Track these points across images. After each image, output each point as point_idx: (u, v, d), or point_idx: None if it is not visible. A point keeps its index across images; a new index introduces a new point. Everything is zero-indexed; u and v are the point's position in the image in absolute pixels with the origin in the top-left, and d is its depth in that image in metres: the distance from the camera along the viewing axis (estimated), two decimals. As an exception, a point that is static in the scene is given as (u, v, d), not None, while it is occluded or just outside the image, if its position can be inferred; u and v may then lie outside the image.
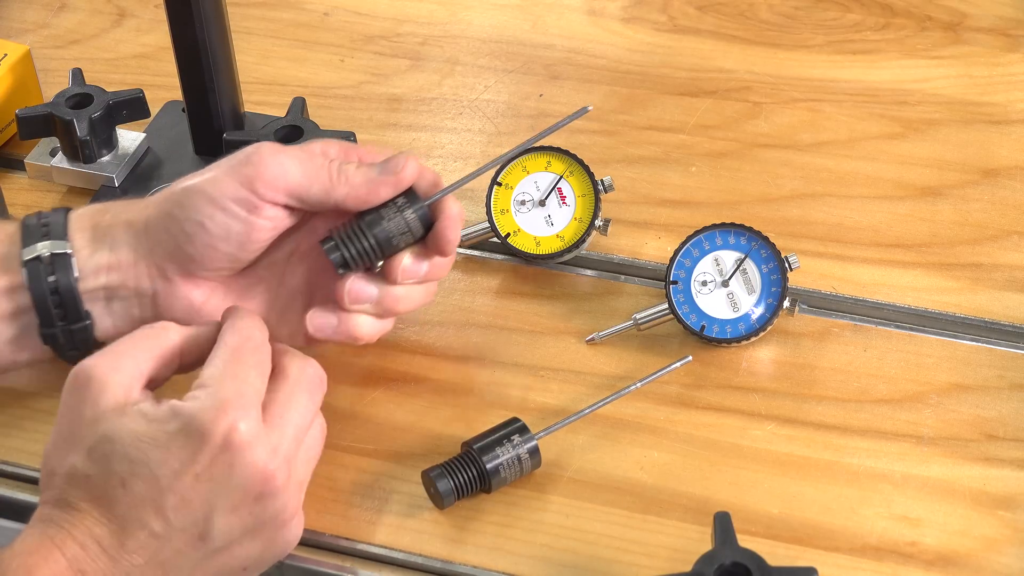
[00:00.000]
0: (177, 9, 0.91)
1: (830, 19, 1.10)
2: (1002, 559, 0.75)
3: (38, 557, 0.67)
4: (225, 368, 0.72)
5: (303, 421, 0.73)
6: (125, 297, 0.79)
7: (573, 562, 0.75)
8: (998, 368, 0.84)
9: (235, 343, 0.73)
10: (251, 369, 0.72)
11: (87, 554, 0.68)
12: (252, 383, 0.72)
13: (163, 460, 0.69)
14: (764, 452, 0.80)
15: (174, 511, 0.69)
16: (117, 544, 0.68)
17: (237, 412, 0.70)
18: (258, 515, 0.71)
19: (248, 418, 0.70)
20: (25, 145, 0.98)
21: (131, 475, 0.69)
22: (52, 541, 0.68)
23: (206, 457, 0.69)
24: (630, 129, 1.01)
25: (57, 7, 1.14)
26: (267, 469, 0.70)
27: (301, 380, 0.74)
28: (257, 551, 0.72)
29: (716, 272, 0.85)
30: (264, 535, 0.72)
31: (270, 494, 0.71)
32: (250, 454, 0.70)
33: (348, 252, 0.78)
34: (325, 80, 1.06)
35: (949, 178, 0.96)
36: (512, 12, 1.12)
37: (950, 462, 0.79)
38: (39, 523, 0.69)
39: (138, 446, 0.69)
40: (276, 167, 0.76)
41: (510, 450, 0.77)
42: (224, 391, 0.70)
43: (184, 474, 0.69)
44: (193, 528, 0.69)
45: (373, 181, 0.78)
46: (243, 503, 0.70)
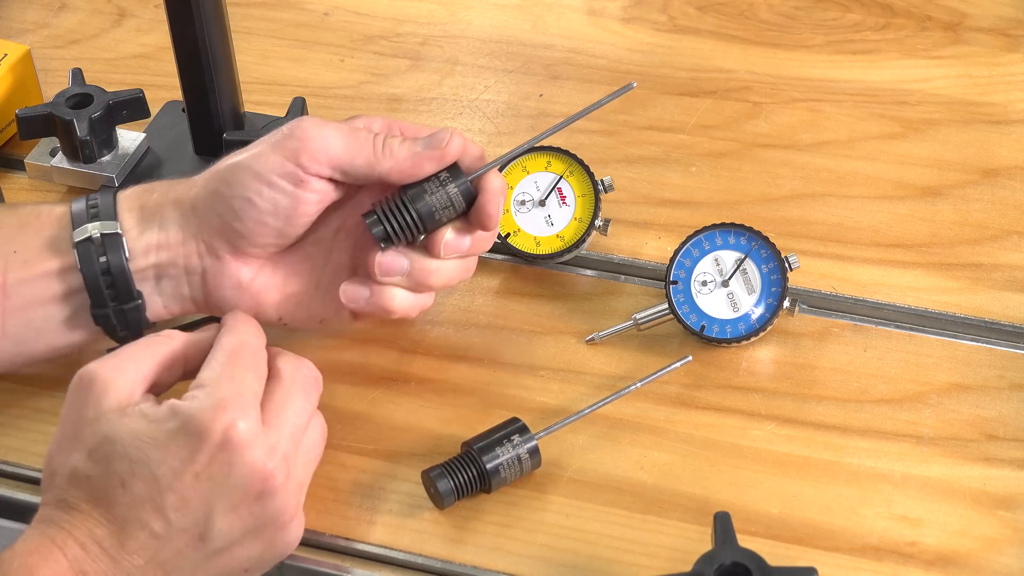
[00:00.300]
0: (177, 9, 0.91)
1: (830, 19, 1.10)
2: (1002, 559, 0.75)
3: (39, 557, 0.68)
4: (222, 370, 0.72)
5: (300, 421, 0.74)
6: (175, 276, 0.80)
7: (573, 562, 0.75)
8: (998, 368, 0.84)
9: (231, 346, 0.74)
10: (247, 371, 0.73)
11: (88, 555, 0.68)
12: (249, 384, 0.72)
13: (162, 459, 0.69)
14: (764, 452, 0.80)
15: (174, 511, 0.69)
16: (118, 544, 0.68)
17: (235, 412, 0.70)
18: (258, 515, 0.71)
19: (246, 417, 0.70)
20: (25, 145, 0.98)
21: (131, 475, 0.69)
22: (53, 542, 0.68)
23: (205, 456, 0.69)
24: (630, 129, 1.01)
25: (57, 7, 1.14)
26: (266, 468, 0.70)
27: (296, 381, 0.74)
28: (257, 552, 0.72)
29: (716, 272, 0.85)
30: (264, 536, 0.72)
31: (269, 493, 0.71)
32: (248, 453, 0.70)
33: (390, 226, 0.78)
34: (325, 80, 1.06)
35: (949, 178, 0.96)
36: (512, 12, 1.12)
37: (950, 462, 0.79)
38: (40, 523, 0.70)
39: (138, 446, 0.69)
40: (320, 140, 0.77)
41: (510, 450, 0.77)
42: (222, 391, 0.71)
43: (183, 473, 0.69)
44: (193, 528, 0.69)
45: (417, 155, 0.78)
46: (243, 503, 0.70)
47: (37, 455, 0.81)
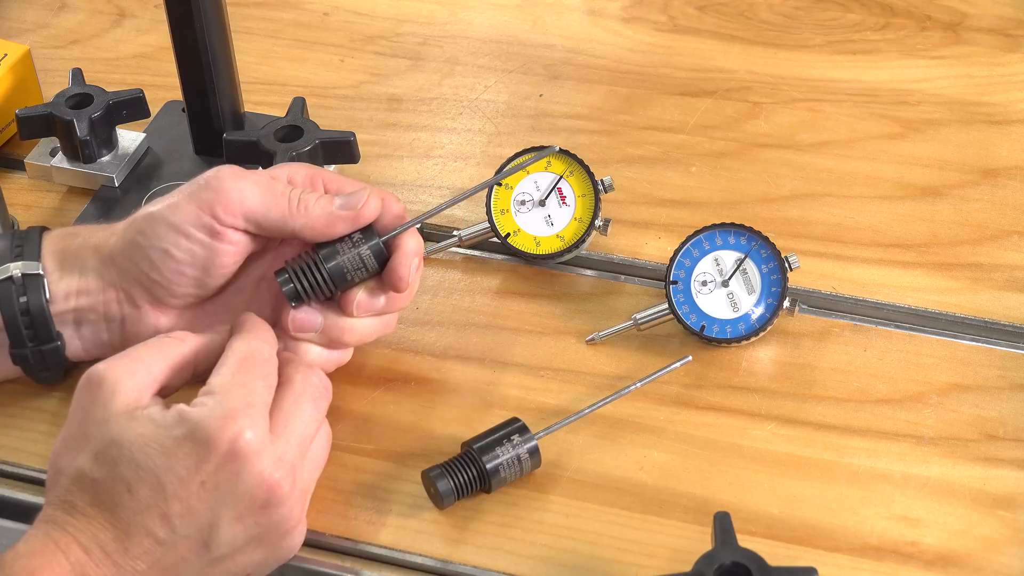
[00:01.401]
0: (177, 9, 0.91)
1: (830, 19, 1.10)
2: (1002, 559, 0.75)
3: (41, 560, 0.67)
4: (233, 377, 0.72)
5: (308, 430, 0.73)
6: (94, 321, 0.80)
7: (573, 562, 0.75)
8: (998, 368, 0.84)
9: (243, 352, 0.73)
10: (258, 380, 0.72)
11: (91, 559, 0.68)
12: (259, 393, 0.72)
13: (169, 467, 0.69)
14: (764, 452, 0.80)
15: (179, 518, 0.69)
16: (121, 550, 0.68)
17: (243, 420, 0.70)
18: (262, 523, 0.71)
19: (254, 427, 0.70)
20: (25, 145, 0.98)
21: (137, 481, 0.69)
22: (57, 544, 0.68)
23: (211, 465, 0.69)
24: (630, 129, 1.01)
25: (57, 7, 1.14)
26: (272, 478, 0.70)
27: (306, 389, 0.74)
28: (260, 557, 0.72)
29: (716, 272, 0.85)
30: (267, 542, 0.72)
31: (275, 503, 0.71)
32: (256, 463, 0.70)
33: (301, 285, 0.78)
34: (325, 80, 1.06)
35: (949, 178, 0.96)
36: (512, 12, 1.12)
37: (950, 462, 0.79)
38: (43, 524, 0.69)
39: (145, 452, 0.69)
40: (235, 192, 0.77)
41: (510, 450, 0.77)
42: (231, 400, 0.70)
43: (190, 481, 0.69)
44: (197, 535, 0.69)
45: (331, 215, 0.77)
46: (248, 511, 0.70)
47: (37, 455, 0.81)
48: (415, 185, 0.97)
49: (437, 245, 0.91)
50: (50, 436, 0.82)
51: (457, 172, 0.98)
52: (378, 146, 1.00)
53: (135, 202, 0.94)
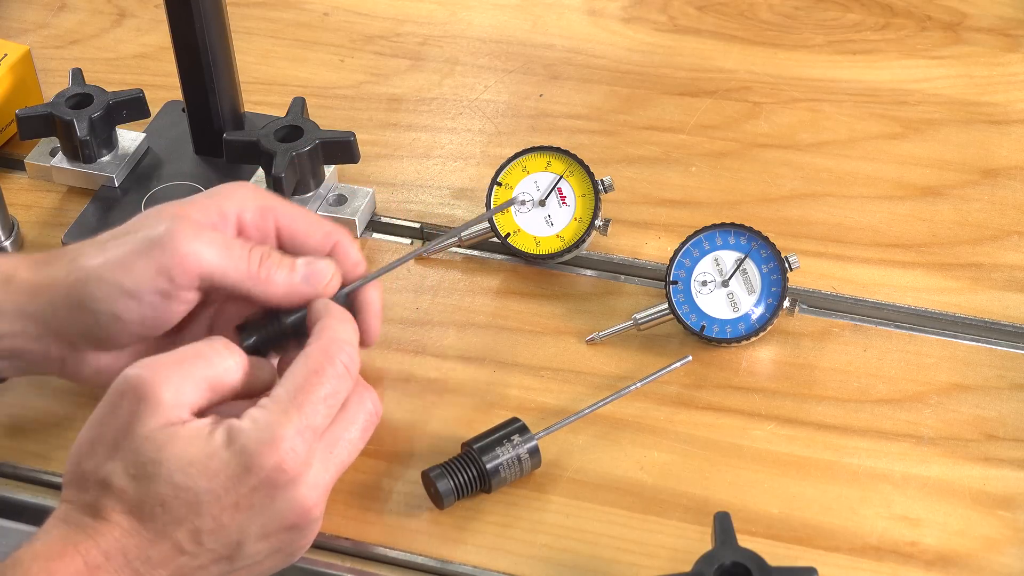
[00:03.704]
0: (177, 9, 0.91)
1: (830, 19, 1.10)
2: (1002, 559, 0.75)
3: (60, 564, 0.67)
4: (296, 395, 0.70)
5: (350, 458, 0.72)
6: (31, 360, 0.77)
7: (573, 562, 0.75)
8: (998, 368, 0.84)
9: (316, 366, 0.71)
10: (320, 401, 0.70)
11: (110, 564, 0.67)
12: (317, 416, 0.70)
13: (209, 487, 0.68)
14: (764, 452, 0.80)
15: (209, 534, 0.68)
16: (144, 557, 0.68)
17: (291, 446, 0.68)
18: (285, 540, 0.70)
19: (300, 454, 0.69)
20: (25, 145, 0.98)
21: (173, 498, 0.68)
22: (76, 548, 0.67)
23: (249, 487, 0.68)
24: (630, 129, 1.01)
25: (57, 7, 1.14)
26: (306, 504, 0.69)
27: (358, 416, 0.73)
28: (271, 566, 0.72)
29: (716, 272, 0.85)
30: (284, 554, 0.71)
31: (303, 526, 0.70)
32: (293, 489, 0.69)
33: (262, 340, 0.77)
34: (325, 80, 1.06)
35: (949, 178, 0.96)
36: (512, 12, 1.12)
37: (950, 462, 0.79)
38: (62, 525, 0.68)
39: (187, 472, 0.68)
40: (192, 256, 0.73)
41: (510, 450, 0.77)
42: (285, 422, 0.69)
43: (225, 499, 0.68)
44: (223, 550, 0.69)
45: (292, 288, 0.75)
46: (276, 531, 0.70)
47: (38, 455, 0.81)
48: (415, 185, 0.97)
49: (437, 245, 0.91)
50: (50, 436, 0.82)
51: (457, 172, 0.98)
52: (378, 146, 1.00)
53: (135, 202, 0.94)
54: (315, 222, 0.79)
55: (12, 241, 0.94)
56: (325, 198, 0.93)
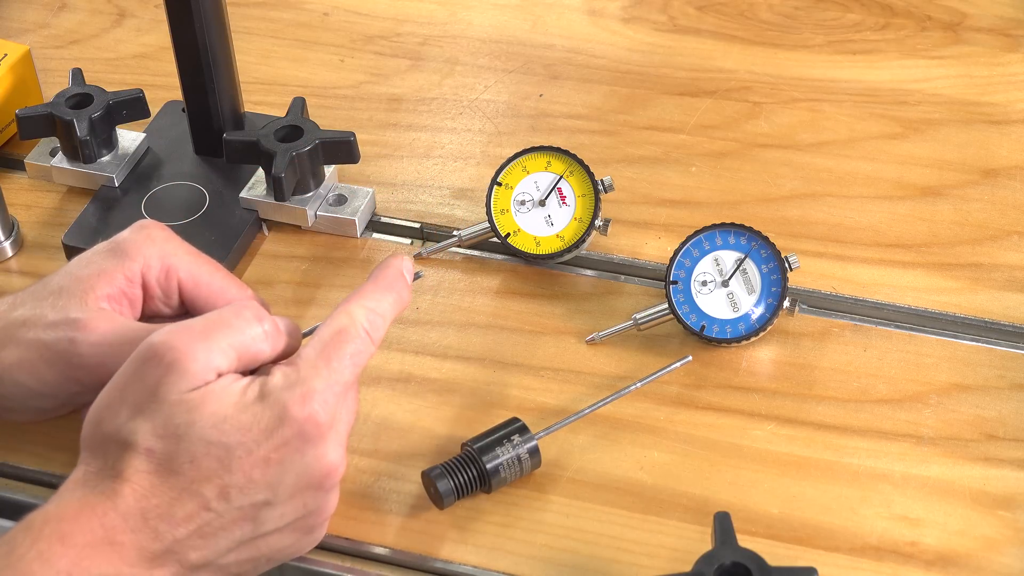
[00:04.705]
0: (177, 9, 0.91)
1: (830, 19, 1.10)
2: (1002, 559, 0.75)
3: (74, 525, 0.66)
4: (323, 350, 0.71)
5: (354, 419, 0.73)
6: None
7: (573, 562, 0.75)
8: (998, 368, 0.84)
9: (341, 325, 0.72)
10: (347, 357, 0.71)
11: (127, 525, 0.67)
12: (344, 372, 0.70)
13: (241, 441, 0.68)
14: (764, 452, 0.80)
15: (236, 490, 0.68)
16: (166, 515, 0.67)
17: (321, 400, 0.69)
18: (309, 505, 0.71)
19: (329, 409, 0.69)
20: (25, 145, 0.98)
21: (204, 455, 0.68)
22: (92, 510, 0.67)
23: (280, 440, 0.68)
24: (630, 129, 1.01)
25: (57, 7, 1.14)
26: (332, 462, 0.70)
27: None
28: (289, 542, 0.72)
29: (716, 272, 0.85)
30: (301, 528, 0.72)
31: (328, 487, 0.71)
32: (322, 444, 0.69)
33: None
34: (325, 80, 1.06)
35: (949, 178, 0.96)
36: (512, 12, 1.12)
37: (950, 462, 0.79)
38: (79, 488, 0.68)
39: (220, 428, 0.68)
40: (96, 359, 0.73)
41: (510, 450, 0.77)
42: (315, 378, 0.69)
43: (255, 454, 0.68)
44: (250, 510, 0.69)
45: None
46: (301, 492, 0.70)
47: (37, 456, 0.81)
48: (415, 185, 0.97)
49: (437, 245, 0.91)
50: (49, 436, 0.81)
51: (457, 172, 0.98)
52: (378, 146, 1.00)
53: (135, 202, 0.94)
54: (218, 288, 0.78)
55: (12, 241, 0.94)
56: (325, 198, 0.93)
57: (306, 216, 0.93)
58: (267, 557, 0.72)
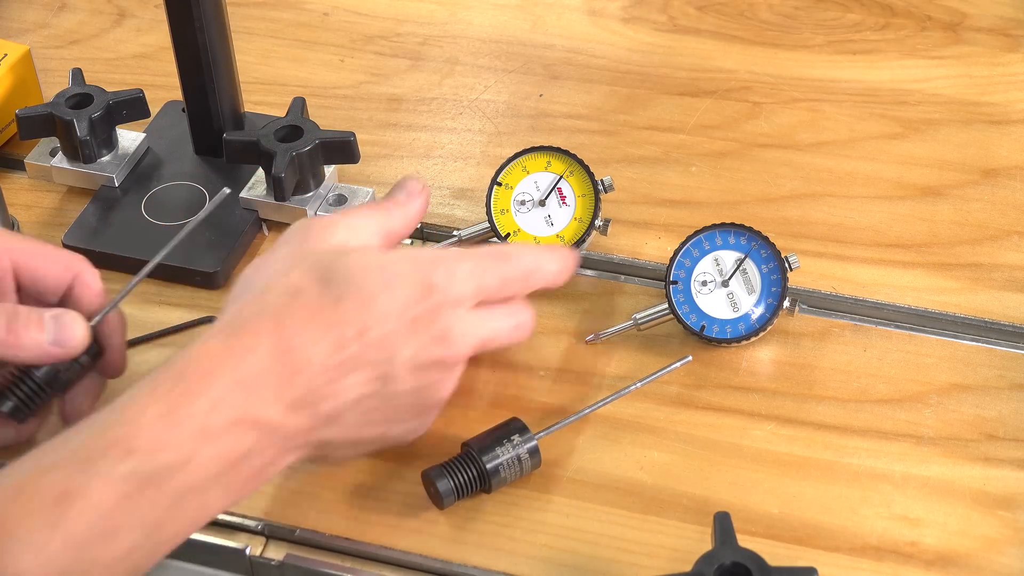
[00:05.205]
0: (177, 9, 0.91)
1: (830, 19, 1.10)
2: (1002, 559, 0.75)
3: (217, 364, 0.69)
4: (480, 252, 0.76)
5: (490, 344, 0.76)
6: None
7: (573, 562, 0.75)
8: (998, 368, 0.84)
9: (508, 251, 0.78)
10: (496, 271, 0.76)
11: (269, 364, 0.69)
12: (489, 277, 0.75)
13: (383, 291, 0.72)
14: (764, 452, 0.80)
15: (373, 340, 0.71)
16: (307, 357, 0.70)
17: (465, 277, 0.74)
18: (428, 379, 0.74)
19: (467, 288, 0.74)
20: (25, 145, 0.98)
21: (348, 295, 0.71)
22: (235, 349, 0.69)
23: (420, 303, 0.72)
24: (630, 129, 1.01)
25: (57, 7, 1.14)
26: (454, 339, 0.74)
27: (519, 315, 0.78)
28: (404, 419, 0.75)
29: (716, 272, 0.85)
30: (417, 405, 0.75)
31: (449, 365, 0.75)
32: (456, 318, 0.74)
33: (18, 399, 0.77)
34: (325, 80, 1.06)
35: (949, 178, 0.96)
36: (512, 12, 1.12)
37: (950, 462, 0.79)
38: (223, 331, 0.70)
39: (366, 275, 0.72)
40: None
41: (510, 450, 0.77)
42: (464, 261, 0.75)
43: (395, 309, 0.72)
44: (379, 365, 0.72)
45: (41, 349, 0.75)
46: (425, 363, 0.73)
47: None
48: (415, 185, 0.97)
49: (437, 245, 0.91)
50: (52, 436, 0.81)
51: (457, 172, 0.98)
52: (378, 146, 1.00)
53: (135, 202, 0.95)
54: (53, 256, 0.79)
55: (12, 241, 0.94)
56: (325, 198, 0.93)
57: (306, 216, 0.93)
58: (383, 431, 0.75)
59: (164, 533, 0.67)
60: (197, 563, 0.79)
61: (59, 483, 0.64)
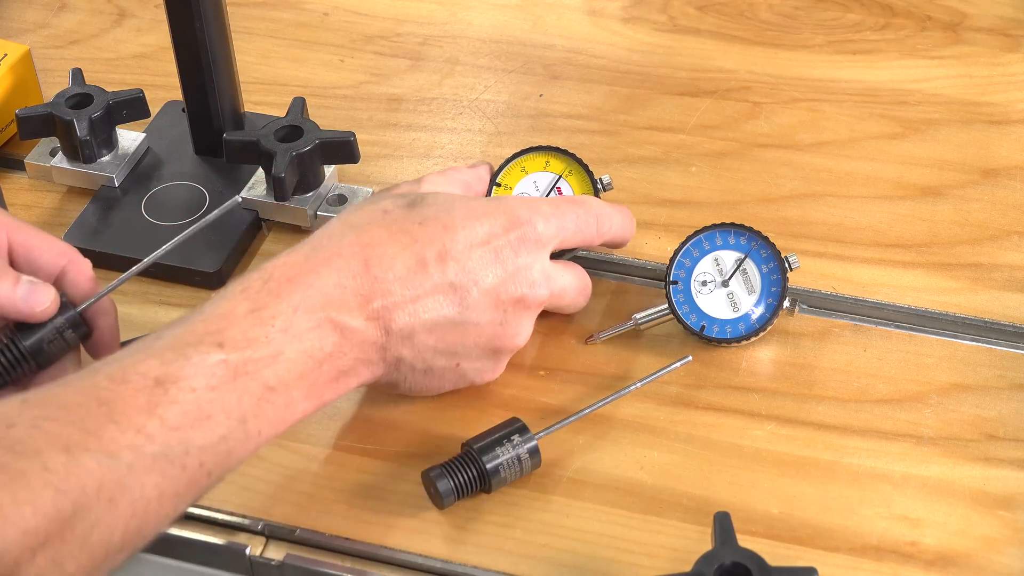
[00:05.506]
0: (177, 9, 0.91)
1: (830, 19, 1.10)
2: (1002, 559, 0.75)
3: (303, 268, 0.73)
4: (558, 199, 0.82)
5: (563, 287, 0.81)
6: None
7: (573, 562, 0.75)
8: (998, 368, 0.84)
9: (583, 198, 0.83)
10: (573, 215, 0.81)
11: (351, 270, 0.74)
12: (566, 221, 0.80)
13: (465, 218, 0.77)
14: (764, 452, 0.80)
15: (455, 261, 0.76)
16: (388, 267, 0.74)
17: (543, 220, 0.79)
18: (506, 315, 0.78)
19: (547, 230, 0.79)
20: (25, 145, 0.98)
21: (433, 218, 0.76)
22: (319, 257, 0.74)
23: (501, 234, 0.77)
24: (630, 129, 1.01)
25: (57, 7, 1.14)
26: (535, 278, 0.78)
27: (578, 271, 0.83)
28: (478, 355, 0.79)
29: (716, 272, 0.85)
30: (492, 344, 0.79)
31: (524, 302, 0.78)
32: (533, 255, 0.78)
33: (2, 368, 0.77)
34: (325, 80, 1.06)
35: (949, 178, 0.96)
36: (512, 12, 1.12)
37: (950, 462, 0.79)
38: (307, 245, 0.75)
39: (449, 200, 0.78)
40: None
41: (510, 450, 0.77)
42: (544, 205, 0.80)
43: (478, 236, 0.77)
44: (458, 289, 0.76)
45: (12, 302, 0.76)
46: (505, 297, 0.77)
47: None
48: (415, 185, 0.97)
49: None
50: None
51: (457, 172, 0.98)
52: (378, 146, 1.00)
53: (135, 202, 0.95)
54: (48, 240, 0.81)
55: (12, 241, 0.94)
56: (325, 198, 0.93)
57: (306, 216, 0.93)
58: (455, 363, 0.78)
59: (253, 426, 0.70)
60: (197, 563, 0.79)
61: (155, 369, 0.68)
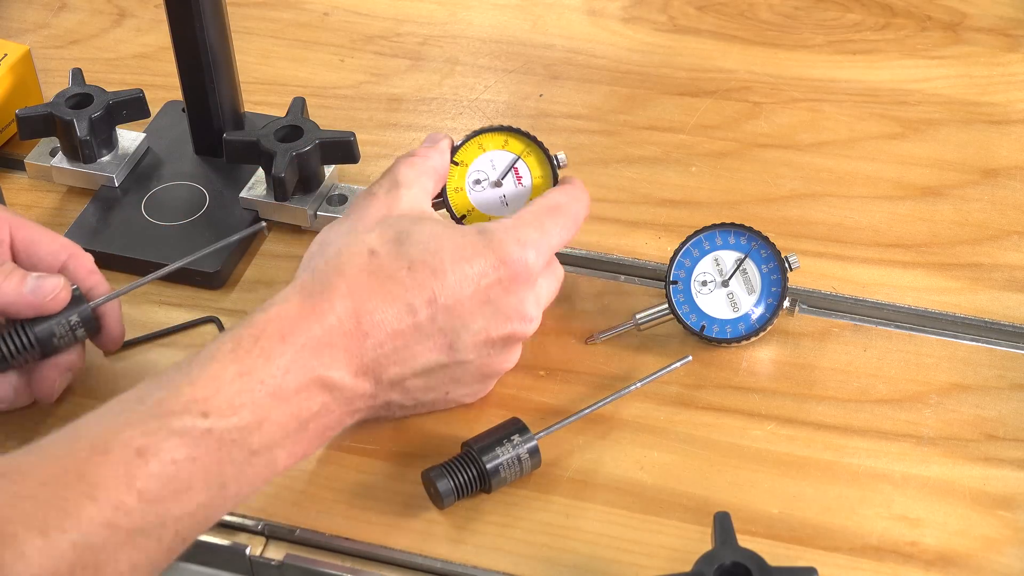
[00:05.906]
0: (177, 9, 0.91)
1: (830, 19, 1.10)
2: (1002, 559, 0.75)
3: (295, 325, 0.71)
4: (537, 215, 0.79)
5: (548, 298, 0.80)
6: None
7: (573, 562, 0.75)
8: (998, 368, 0.84)
9: (556, 202, 0.80)
10: (557, 227, 0.79)
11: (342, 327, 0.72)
12: (553, 237, 0.79)
13: (455, 259, 0.75)
14: (764, 452, 0.80)
15: (443, 308, 0.74)
16: (378, 322, 0.73)
17: (535, 250, 0.77)
18: (494, 351, 0.77)
19: (540, 259, 0.77)
20: (25, 145, 0.98)
21: (421, 262, 0.75)
22: (312, 311, 0.72)
23: (491, 273, 0.76)
24: (630, 129, 1.01)
25: (57, 7, 1.14)
26: (530, 312, 0.77)
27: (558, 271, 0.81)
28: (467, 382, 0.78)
29: (716, 272, 0.85)
30: (478, 374, 0.78)
31: (515, 338, 0.78)
32: (527, 291, 0.77)
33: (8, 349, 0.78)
34: (325, 80, 1.06)
35: (949, 178, 0.96)
36: (512, 12, 1.12)
37: (950, 462, 0.79)
38: (299, 293, 0.73)
39: (439, 242, 0.75)
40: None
41: (510, 450, 0.77)
42: (530, 231, 0.77)
43: (468, 279, 0.75)
44: (448, 334, 0.75)
45: (22, 297, 0.77)
46: (492, 333, 0.76)
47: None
48: (415, 185, 0.97)
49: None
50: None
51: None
52: (378, 146, 1.00)
53: (135, 202, 0.95)
54: (49, 234, 0.81)
55: (12, 241, 0.94)
56: (325, 198, 0.93)
57: (306, 216, 0.93)
58: (445, 393, 0.79)
59: (232, 490, 0.69)
60: (197, 563, 0.79)
61: (137, 439, 0.66)
